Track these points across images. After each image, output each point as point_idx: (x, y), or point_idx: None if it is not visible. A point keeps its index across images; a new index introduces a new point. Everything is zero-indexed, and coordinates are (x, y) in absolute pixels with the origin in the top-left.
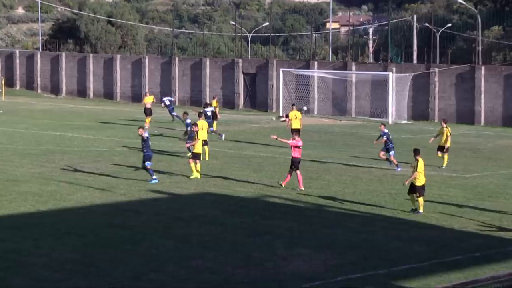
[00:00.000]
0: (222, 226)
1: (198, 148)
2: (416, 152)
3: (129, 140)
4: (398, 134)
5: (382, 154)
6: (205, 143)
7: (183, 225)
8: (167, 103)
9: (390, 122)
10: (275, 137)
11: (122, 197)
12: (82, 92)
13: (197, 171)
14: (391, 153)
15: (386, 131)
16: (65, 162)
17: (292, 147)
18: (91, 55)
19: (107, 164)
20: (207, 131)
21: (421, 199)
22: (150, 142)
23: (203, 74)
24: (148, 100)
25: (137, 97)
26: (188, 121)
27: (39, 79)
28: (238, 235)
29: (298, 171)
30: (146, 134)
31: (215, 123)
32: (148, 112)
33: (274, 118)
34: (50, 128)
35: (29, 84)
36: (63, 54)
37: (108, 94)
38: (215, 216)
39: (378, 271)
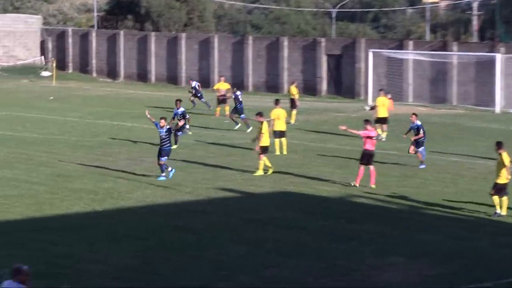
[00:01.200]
0: (302, 230)
1: (265, 140)
2: (499, 145)
3: (196, 131)
4: (507, 125)
5: (412, 149)
6: (282, 134)
7: (257, 228)
8: (197, 88)
9: (497, 110)
10: (344, 127)
11: (187, 196)
12: (142, 76)
13: (269, 166)
14: (421, 149)
15: (418, 123)
16: (124, 156)
17: (364, 138)
18: (153, 34)
19: (171, 158)
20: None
21: (505, 200)
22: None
23: (280, 55)
24: (222, 86)
25: (204, 82)
26: (181, 109)
27: (94, 61)
28: (320, 241)
29: (371, 166)
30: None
31: (294, 112)
32: (220, 100)
33: (367, 107)
34: (106, 117)
35: (83, 67)
36: (121, 32)
37: (172, 78)
38: (294, 218)
39: (484, 284)
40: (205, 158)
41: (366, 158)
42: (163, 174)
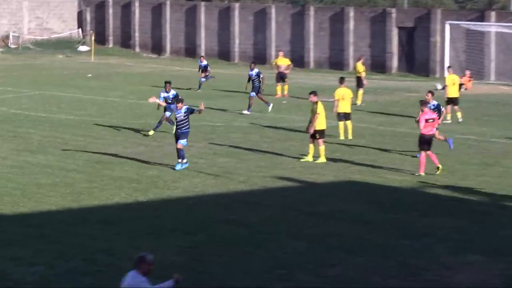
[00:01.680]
0: (368, 224)
1: (322, 122)
2: None
3: (251, 113)
4: None
5: (437, 134)
6: (347, 117)
7: (319, 222)
8: (207, 69)
9: None
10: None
11: (241, 186)
12: (191, 51)
13: (319, 155)
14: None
15: (435, 102)
16: (170, 140)
17: (421, 123)
18: (203, 3)
19: (223, 143)
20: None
21: None
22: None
23: (345, 28)
24: (281, 62)
25: (260, 58)
26: (172, 93)
27: (137, 34)
28: (389, 236)
29: (429, 152)
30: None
31: (360, 91)
32: (280, 77)
33: (439, 86)
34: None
35: (125, 41)
36: (167, 2)
37: (224, 54)
38: (360, 211)
39: None
40: (260, 143)
41: (424, 143)
42: (183, 161)
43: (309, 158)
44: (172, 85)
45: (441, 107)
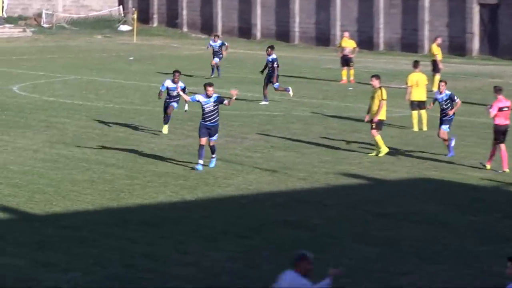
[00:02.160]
0: (445, 227)
1: (384, 113)
2: None
3: (313, 101)
4: None
5: (442, 132)
6: (421, 105)
7: (389, 224)
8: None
9: None
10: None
11: (301, 183)
12: (245, 31)
13: (379, 146)
14: (444, 127)
15: (447, 92)
16: (221, 132)
17: (492, 111)
18: None
19: (281, 135)
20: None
21: None
22: None
23: (419, 5)
24: (348, 44)
25: (323, 39)
26: (180, 85)
27: (184, 12)
28: (468, 241)
29: (502, 145)
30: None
31: (437, 77)
32: (345, 61)
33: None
34: (199, 82)
35: (171, 20)
36: None
37: (283, 34)
38: (435, 212)
39: None
40: (323, 135)
41: (498, 134)
42: (215, 156)
43: (384, 148)
44: (226, 70)
45: (455, 97)
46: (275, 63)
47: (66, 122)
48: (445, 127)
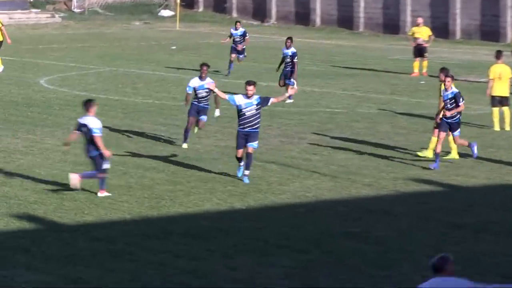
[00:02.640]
0: None
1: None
2: None
3: (380, 96)
4: None
5: (457, 140)
6: (503, 102)
7: (466, 236)
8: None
9: None
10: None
11: (366, 190)
12: (302, 16)
13: (450, 147)
14: (455, 133)
15: (454, 90)
16: (275, 132)
17: None
18: None
19: (343, 135)
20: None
21: None
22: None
23: None
24: (421, 31)
25: (392, 26)
26: (207, 81)
27: None
28: None
29: None
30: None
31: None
32: (418, 51)
33: None
34: (252, 75)
35: (218, 4)
36: None
37: (345, 20)
38: None
39: None
40: (391, 135)
41: None
42: (248, 172)
43: (428, 153)
44: (277, 61)
45: (460, 99)
46: (296, 57)
47: (100, 120)
48: (456, 132)
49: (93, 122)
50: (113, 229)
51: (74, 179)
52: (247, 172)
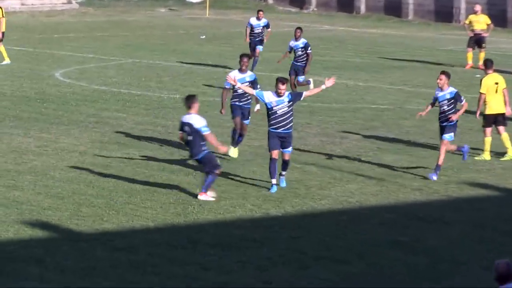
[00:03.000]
0: None
1: (492, 107)
2: None
3: (430, 91)
4: None
5: (445, 143)
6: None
7: None
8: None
9: None
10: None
11: (416, 195)
12: (345, 3)
13: (506, 147)
14: (446, 136)
15: (453, 90)
16: (315, 130)
17: None
18: None
19: (390, 134)
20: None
21: None
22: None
23: None
24: (480, 20)
25: (444, 14)
26: (249, 74)
27: None
28: None
29: None
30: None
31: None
32: (475, 41)
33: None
34: (285, 69)
35: None
36: None
37: (393, 8)
38: None
39: None
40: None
41: None
42: (284, 173)
43: (485, 155)
44: (323, 53)
45: (462, 98)
46: (309, 48)
47: (120, 117)
48: (448, 136)
49: (196, 120)
50: (135, 238)
51: (203, 198)
52: (284, 173)
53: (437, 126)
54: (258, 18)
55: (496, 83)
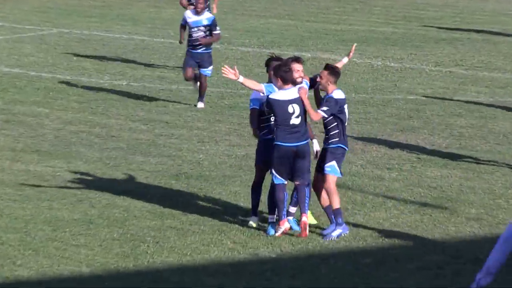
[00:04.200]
0: None
1: None
2: None
3: (496, 75)
4: None
5: None
6: None
7: None
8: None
9: None
10: None
11: (472, 227)
12: None
13: None
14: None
15: None
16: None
17: None
18: None
19: (436, 138)
20: None
21: None
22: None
23: None
24: None
25: None
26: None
27: None
28: None
29: None
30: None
31: None
32: None
33: None
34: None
35: None
36: None
37: None
38: None
39: None
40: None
41: None
42: (292, 210)
43: None
44: (331, 18)
45: None
46: (217, 27)
47: (42, 113)
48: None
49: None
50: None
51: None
52: (292, 210)
53: (505, 125)
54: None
55: None
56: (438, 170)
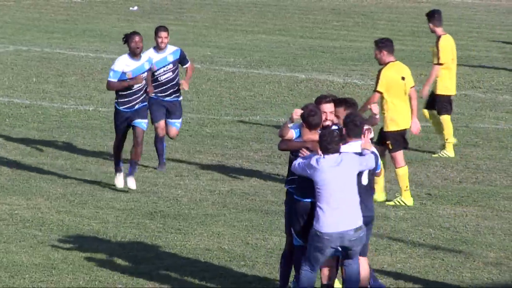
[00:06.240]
0: None
1: None
2: None
3: None
4: None
5: None
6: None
7: None
8: None
9: None
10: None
11: (490, 272)
12: None
13: None
14: None
15: None
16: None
17: None
18: None
19: (450, 173)
20: None
21: None
22: None
23: None
24: None
25: None
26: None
27: None
28: None
29: None
30: None
31: None
32: None
33: None
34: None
35: None
36: None
37: None
38: None
39: None
40: None
41: None
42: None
43: None
44: (329, 33)
45: None
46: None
47: None
48: None
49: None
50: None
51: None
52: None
53: None
54: (160, 47)
55: None
56: (451, 207)
